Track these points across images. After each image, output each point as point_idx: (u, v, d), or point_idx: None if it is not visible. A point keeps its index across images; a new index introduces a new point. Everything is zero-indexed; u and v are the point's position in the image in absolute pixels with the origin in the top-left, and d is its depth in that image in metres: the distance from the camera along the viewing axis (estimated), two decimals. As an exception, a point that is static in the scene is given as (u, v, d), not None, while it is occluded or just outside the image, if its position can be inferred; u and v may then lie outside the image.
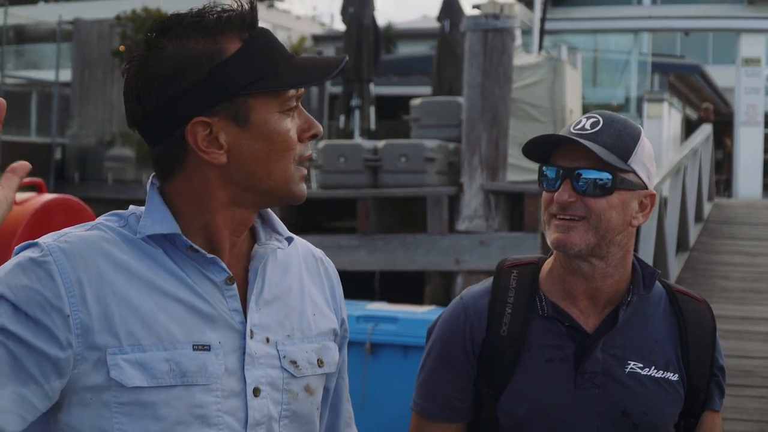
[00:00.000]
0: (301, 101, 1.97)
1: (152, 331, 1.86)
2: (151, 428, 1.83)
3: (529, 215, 12.25)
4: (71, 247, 1.85)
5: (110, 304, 1.84)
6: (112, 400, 1.83)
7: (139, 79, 1.89)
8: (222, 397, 1.89)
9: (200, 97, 1.87)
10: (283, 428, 1.98)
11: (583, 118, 2.50)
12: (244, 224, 1.98)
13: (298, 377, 2.01)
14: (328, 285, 2.19)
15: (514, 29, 13.05)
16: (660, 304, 2.60)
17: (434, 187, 12.76)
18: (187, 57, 1.87)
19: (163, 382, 1.84)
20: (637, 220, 2.49)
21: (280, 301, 2.03)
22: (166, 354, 1.85)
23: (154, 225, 1.90)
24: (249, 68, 1.89)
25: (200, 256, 1.91)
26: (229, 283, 1.94)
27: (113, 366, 1.82)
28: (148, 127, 1.92)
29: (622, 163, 2.43)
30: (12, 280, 1.80)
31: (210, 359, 1.88)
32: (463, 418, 2.60)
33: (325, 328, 2.12)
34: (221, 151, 1.89)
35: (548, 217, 2.49)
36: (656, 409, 2.51)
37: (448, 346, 2.59)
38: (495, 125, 12.47)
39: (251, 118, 1.90)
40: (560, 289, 2.55)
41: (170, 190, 1.95)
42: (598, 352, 2.49)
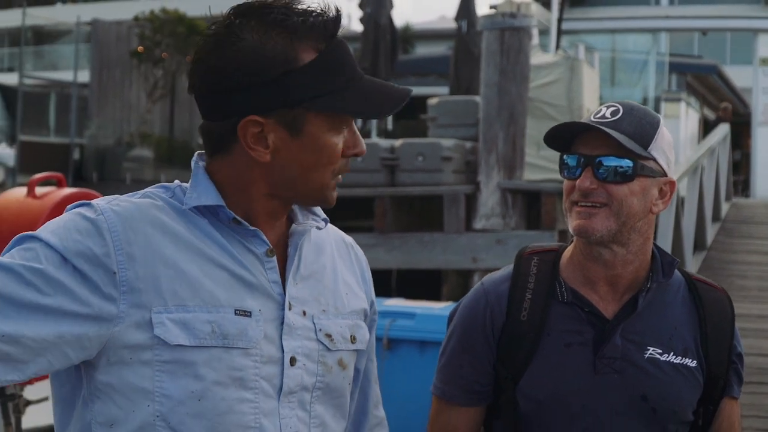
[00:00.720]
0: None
1: (197, 293, 1.91)
2: (190, 387, 1.88)
3: (546, 214, 12.27)
4: (123, 210, 1.91)
5: (158, 265, 1.89)
6: (154, 359, 1.87)
7: (211, 59, 1.93)
8: (260, 362, 1.94)
9: (263, 97, 1.92)
10: (316, 399, 2.03)
11: (603, 107, 2.53)
12: (280, 212, 2.04)
13: (332, 350, 2.07)
14: (359, 269, 2.25)
15: (530, 28, 13.08)
16: (679, 292, 2.63)
17: (451, 185, 12.78)
18: (263, 55, 1.90)
19: (204, 342, 1.89)
20: (657, 207, 2.52)
21: (314, 278, 2.09)
22: (209, 316, 1.91)
23: (200, 197, 1.95)
24: (316, 83, 1.92)
25: (243, 229, 1.97)
26: (270, 255, 2.00)
27: (158, 324, 1.87)
28: (205, 103, 1.97)
29: (643, 150, 2.46)
30: (63, 233, 1.85)
31: (250, 324, 1.94)
32: (483, 401, 2.64)
33: (357, 306, 2.18)
34: (266, 150, 1.94)
35: (570, 204, 2.52)
36: (675, 395, 2.54)
37: (468, 330, 2.64)
38: (512, 124, 12.50)
39: (304, 129, 1.94)
40: (580, 275, 2.58)
41: (214, 169, 2.00)
42: (617, 337, 2.52)
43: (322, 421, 2.06)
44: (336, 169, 2.00)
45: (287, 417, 1.99)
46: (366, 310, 2.22)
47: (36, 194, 5.32)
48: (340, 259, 2.20)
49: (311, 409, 2.04)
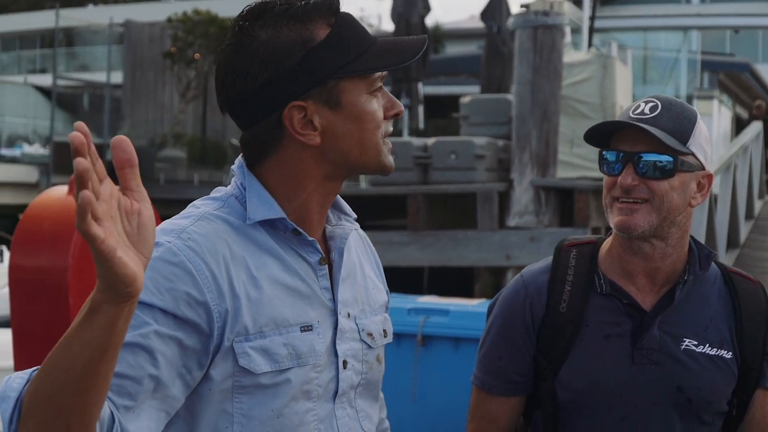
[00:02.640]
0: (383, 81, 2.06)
1: (269, 317, 1.94)
2: (270, 406, 1.93)
3: (579, 211, 12.25)
4: (196, 245, 1.91)
5: (236, 287, 1.91)
6: (234, 384, 1.91)
7: (234, 65, 1.96)
8: (320, 371, 1.99)
9: (295, 82, 1.95)
10: (358, 395, 2.10)
11: (642, 103, 2.56)
12: (333, 195, 2.08)
13: (373, 348, 2.13)
14: (375, 261, 2.30)
15: (563, 26, 13.04)
16: (715, 284, 2.66)
17: (483, 183, 12.78)
18: (281, 44, 1.95)
19: (283, 365, 1.93)
20: (695, 200, 2.56)
21: (351, 278, 2.13)
22: (283, 338, 1.94)
23: (262, 210, 1.98)
24: (339, 53, 1.97)
25: (300, 239, 2.00)
26: (322, 263, 2.04)
27: (241, 354, 1.90)
28: (242, 111, 2.00)
29: (682, 146, 2.49)
30: (155, 285, 1.84)
31: (315, 339, 1.99)
32: (522, 391, 2.68)
33: (382, 300, 2.24)
34: (315, 132, 1.97)
35: (611, 200, 2.56)
36: (710, 386, 2.57)
37: (508, 321, 2.68)
38: (545, 121, 12.48)
39: (343, 100, 1.98)
40: (619, 267, 2.61)
41: (263, 172, 2.02)
42: (654, 329, 2.56)
43: (367, 414, 2.13)
44: (383, 132, 2.04)
45: (342, 417, 2.04)
46: (387, 301, 2.28)
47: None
48: (362, 254, 2.25)
49: (356, 404, 2.09)
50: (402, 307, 7.75)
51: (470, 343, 6.60)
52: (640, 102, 2.58)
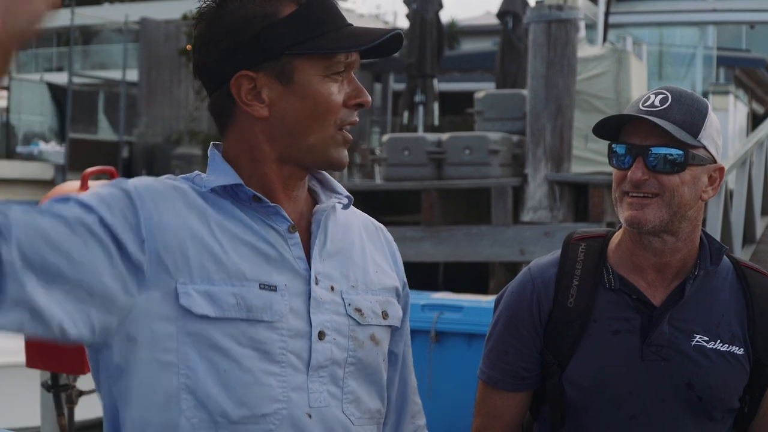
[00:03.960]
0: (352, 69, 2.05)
1: (222, 267, 1.94)
2: (214, 359, 1.91)
3: (594, 206, 12.20)
4: (151, 186, 1.97)
5: (185, 238, 1.94)
6: (177, 332, 1.91)
7: (200, 32, 2.04)
8: (287, 336, 1.97)
9: (248, 53, 1.98)
10: (349, 375, 2.05)
11: (651, 94, 2.52)
12: (296, 178, 2.07)
13: (363, 325, 2.09)
14: (389, 251, 2.29)
15: (577, 20, 12.99)
16: (727, 279, 2.62)
17: (498, 179, 12.75)
18: (242, 16, 1.98)
19: (228, 314, 1.92)
20: (707, 194, 2.53)
21: (342, 255, 2.12)
22: (234, 289, 1.94)
23: (217, 178, 2.01)
24: (297, 30, 1.99)
25: (263, 206, 2.01)
26: (292, 231, 2.03)
27: (183, 294, 1.91)
28: (204, 78, 2.06)
29: (693, 139, 2.46)
30: (98, 198, 1.89)
31: (276, 299, 1.97)
32: (529, 387, 2.67)
33: (388, 284, 2.21)
34: (263, 105, 2.00)
35: (620, 194, 2.53)
36: (721, 383, 2.54)
37: (515, 315, 2.65)
38: (559, 116, 12.43)
39: (294, 77, 1.99)
40: (628, 262, 2.58)
41: (226, 147, 2.06)
42: (664, 325, 2.53)
43: (356, 397, 2.07)
44: (338, 120, 2.03)
45: (317, 391, 2.00)
46: (398, 288, 2.24)
47: (88, 187, 5.36)
48: (368, 239, 2.23)
49: (344, 384, 2.05)
50: (416, 303, 7.74)
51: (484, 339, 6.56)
52: (650, 93, 2.54)
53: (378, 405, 2.15)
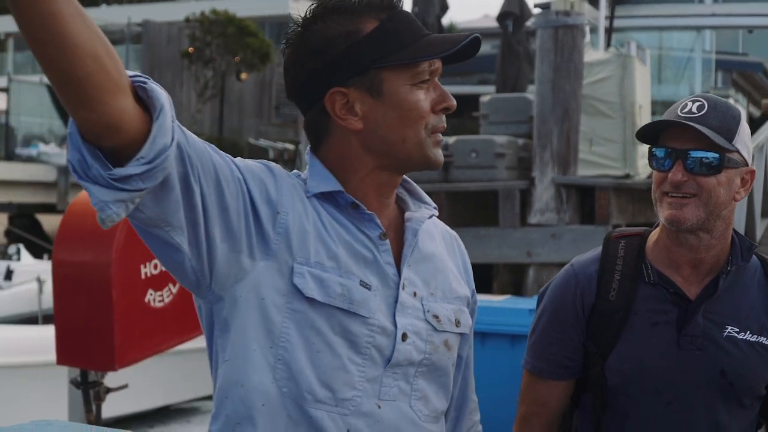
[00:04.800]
0: (436, 76, 2.16)
1: (333, 258, 2.09)
2: (311, 338, 2.05)
3: (600, 208, 12.31)
4: (286, 173, 2.15)
5: (306, 224, 2.08)
6: (285, 306, 2.05)
7: (291, 57, 2.16)
8: (375, 333, 2.10)
9: (337, 70, 2.10)
10: (420, 374, 2.18)
11: (689, 102, 2.66)
12: (390, 186, 2.20)
13: (439, 331, 2.21)
14: (462, 260, 2.41)
15: (584, 26, 13.11)
16: (755, 275, 2.77)
17: (504, 181, 12.84)
18: (328, 36, 2.10)
19: (334, 301, 2.06)
20: (739, 195, 2.67)
21: (426, 263, 2.24)
22: (341, 279, 2.07)
23: (320, 184, 2.13)
24: (381, 45, 2.10)
25: (359, 213, 2.13)
26: (383, 238, 2.15)
27: (298, 274, 2.05)
28: (297, 97, 2.18)
29: (728, 144, 2.60)
30: (250, 166, 2.08)
31: (371, 297, 2.10)
32: (572, 375, 2.80)
33: (461, 293, 2.33)
34: (356, 118, 2.11)
35: (660, 194, 2.66)
36: (751, 371, 2.69)
37: (559, 309, 2.80)
38: (566, 120, 12.55)
39: (383, 89, 2.10)
40: (665, 258, 2.73)
41: (322, 156, 2.18)
42: (699, 317, 2.67)
43: (424, 395, 2.19)
44: (428, 124, 2.14)
45: (388, 386, 2.12)
46: (468, 297, 2.36)
47: None
48: (445, 249, 2.35)
49: (414, 382, 2.17)
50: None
51: (497, 338, 6.69)
52: (686, 101, 2.67)
53: (444, 405, 2.28)
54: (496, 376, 6.11)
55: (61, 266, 5.39)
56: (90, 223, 5.33)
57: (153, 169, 1.82)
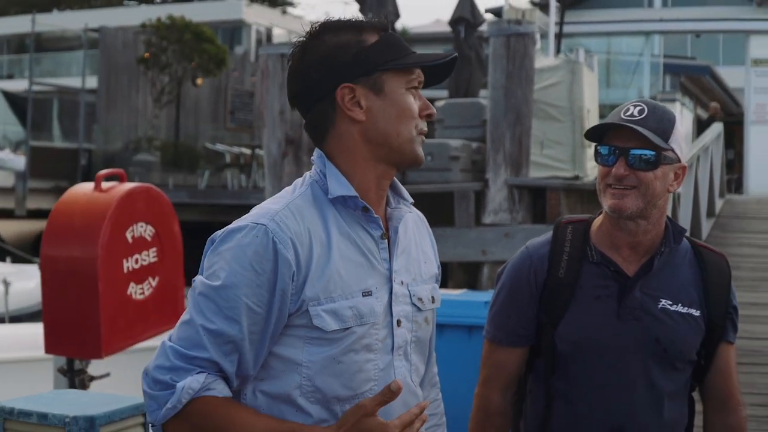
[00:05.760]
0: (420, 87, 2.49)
1: (337, 285, 2.35)
2: (332, 355, 2.35)
3: (551, 208, 12.56)
4: (289, 227, 2.35)
5: (311, 267, 2.34)
6: (306, 335, 2.35)
7: (302, 61, 2.46)
8: (380, 329, 2.41)
9: (348, 70, 2.42)
10: (412, 350, 2.50)
11: (631, 106, 2.96)
12: (386, 179, 2.48)
13: (422, 310, 2.53)
14: (430, 239, 2.71)
15: (534, 34, 13.33)
16: (686, 255, 3.08)
17: (460, 183, 13.01)
18: (340, 43, 2.43)
19: (348, 324, 2.35)
20: (672, 187, 2.98)
21: (406, 252, 2.53)
22: (349, 302, 2.35)
23: (340, 188, 2.41)
24: (384, 53, 2.43)
25: (368, 216, 2.43)
26: (383, 238, 2.45)
27: (315, 316, 2.32)
28: (305, 96, 2.46)
29: (664, 143, 2.90)
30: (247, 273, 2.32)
31: (374, 302, 2.40)
32: (527, 343, 3.11)
33: (432, 272, 2.64)
34: (361, 110, 2.42)
35: (604, 186, 2.96)
36: (682, 338, 2.99)
37: (516, 285, 3.10)
38: (518, 124, 12.77)
39: (385, 89, 2.42)
40: (607, 241, 3.03)
41: (329, 152, 2.46)
42: (636, 291, 2.98)
43: (417, 367, 2.52)
44: (417, 126, 2.45)
45: (399, 368, 2.44)
46: (437, 274, 2.67)
47: (102, 188, 5.57)
48: (418, 232, 2.63)
49: (411, 359, 2.49)
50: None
51: (455, 330, 6.84)
52: (628, 105, 2.98)
53: (424, 368, 2.61)
54: (455, 365, 6.17)
55: (49, 262, 5.56)
56: (77, 221, 5.55)
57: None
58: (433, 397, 2.78)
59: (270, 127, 13.87)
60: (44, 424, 3.42)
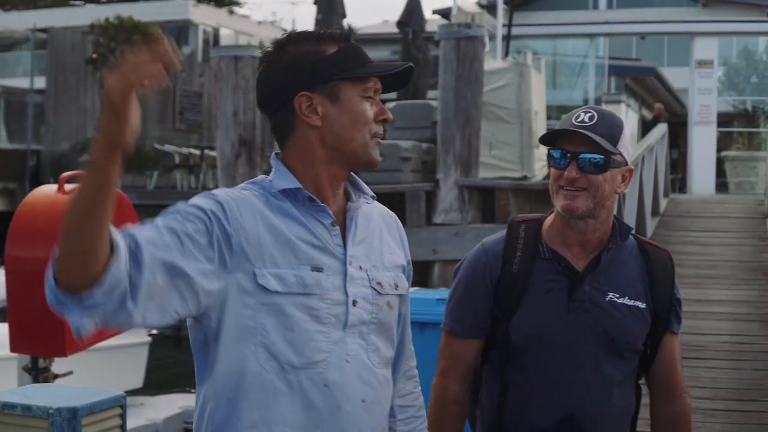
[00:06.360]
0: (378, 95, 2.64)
1: (285, 255, 2.53)
2: (283, 322, 2.51)
3: (500, 208, 12.75)
4: (235, 197, 2.56)
5: (260, 234, 2.52)
6: (256, 303, 2.50)
7: (268, 71, 2.63)
8: (331, 304, 2.56)
9: (306, 79, 2.58)
10: (371, 331, 2.63)
11: (581, 112, 3.08)
12: (339, 179, 2.65)
13: (382, 294, 2.67)
14: (399, 235, 2.87)
15: (484, 37, 13.49)
16: (632, 252, 3.20)
17: (411, 184, 13.16)
18: (300, 54, 2.60)
19: (291, 289, 2.52)
20: (620, 188, 3.11)
21: (366, 241, 2.69)
22: (294, 271, 2.53)
23: (283, 182, 2.59)
24: (341, 63, 2.59)
25: (315, 205, 2.59)
26: (333, 225, 2.61)
27: (260, 276, 2.49)
28: (270, 103, 2.64)
29: (613, 148, 3.02)
30: (201, 210, 2.48)
31: (323, 277, 2.56)
32: (483, 335, 3.22)
33: (398, 263, 2.78)
34: (317, 117, 2.58)
35: (557, 188, 3.08)
36: (628, 329, 3.12)
37: (472, 281, 3.22)
38: (468, 126, 12.94)
39: (341, 97, 2.58)
40: (558, 239, 3.16)
41: (285, 156, 2.64)
42: (585, 285, 3.10)
43: (376, 347, 2.64)
44: (371, 130, 2.60)
45: (351, 343, 2.57)
46: (404, 265, 2.81)
47: (66, 190, 5.57)
48: (384, 227, 2.79)
49: (368, 338, 2.62)
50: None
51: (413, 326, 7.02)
52: (579, 112, 3.10)
53: (391, 353, 2.73)
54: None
55: (13, 262, 5.57)
56: (41, 221, 5.58)
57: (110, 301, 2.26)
58: (409, 390, 2.92)
59: (223, 128, 13.95)
60: (28, 416, 3.56)
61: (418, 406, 2.95)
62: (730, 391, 8.24)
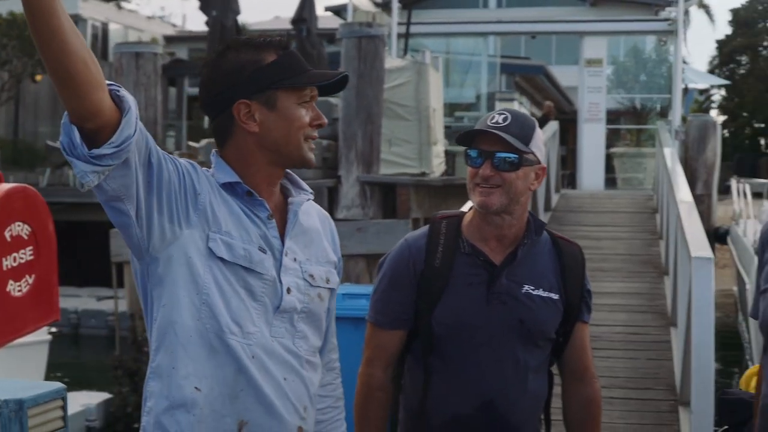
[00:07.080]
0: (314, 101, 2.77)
1: (238, 229, 2.68)
2: (223, 288, 2.64)
3: (401, 204, 12.93)
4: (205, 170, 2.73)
5: (218, 206, 2.67)
6: (205, 263, 2.63)
7: (209, 76, 2.74)
8: (267, 286, 2.70)
9: (244, 88, 2.69)
10: (301, 319, 2.77)
11: (496, 114, 3.21)
12: (276, 177, 2.78)
13: (314, 286, 2.81)
14: (331, 234, 3.01)
15: (384, 36, 13.63)
16: (546, 246, 3.34)
17: (312, 180, 13.09)
18: (239, 62, 2.71)
19: (238, 261, 2.66)
20: (533, 185, 3.24)
21: (303, 236, 2.83)
22: (245, 245, 2.67)
23: (224, 176, 2.72)
24: (278, 72, 2.70)
25: (253, 199, 2.71)
26: (270, 218, 2.74)
27: (212, 240, 2.64)
28: (210, 107, 2.74)
29: (525, 147, 3.15)
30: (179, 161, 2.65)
31: (266, 259, 2.70)
32: (406, 326, 3.33)
33: (331, 258, 2.92)
34: (255, 123, 2.69)
35: (473, 185, 3.20)
36: (543, 319, 3.26)
37: (396, 274, 3.33)
38: (369, 123, 13.11)
39: (277, 104, 2.70)
40: (477, 234, 3.27)
41: (224, 154, 2.77)
42: (503, 278, 3.23)
43: (304, 335, 2.78)
44: (306, 134, 2.72)
45: (277, 326, 2.71)
46: (335, 262, 2.94)
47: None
48: (320, 225, 2.93)
49: (296, 324, 2.75)
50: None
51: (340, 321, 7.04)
52: (494, 114, 3.22)
53: (319, 342, 2.87)
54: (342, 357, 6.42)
55: None
56: None
57: (120, 151, 2.39)
58: (328, 381, 3.02)
59: (124, 125, 13.83)
60: (-26, 409, 3.65)
61: (337, 396, 3.06)
62: (626, 380, 8.49)
